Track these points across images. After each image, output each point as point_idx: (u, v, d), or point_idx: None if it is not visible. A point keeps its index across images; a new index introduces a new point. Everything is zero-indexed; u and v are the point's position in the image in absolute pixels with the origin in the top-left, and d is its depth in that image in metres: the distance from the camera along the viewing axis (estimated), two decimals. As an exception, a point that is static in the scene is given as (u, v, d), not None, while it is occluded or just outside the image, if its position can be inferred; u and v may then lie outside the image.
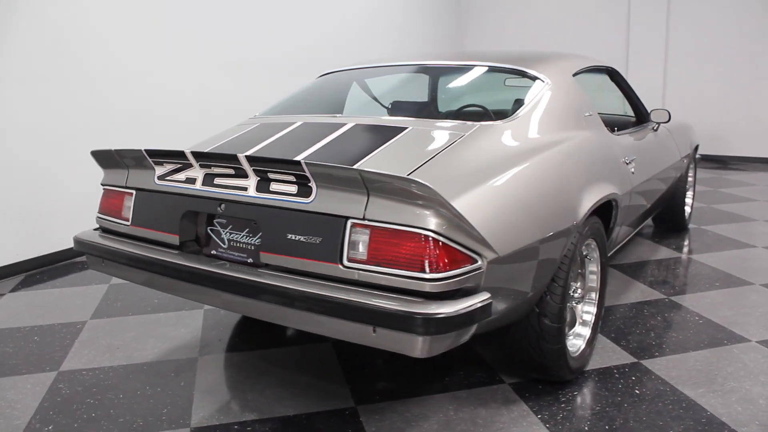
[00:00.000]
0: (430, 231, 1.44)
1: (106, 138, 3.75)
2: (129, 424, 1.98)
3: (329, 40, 5.74)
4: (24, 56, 3.37)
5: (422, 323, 1.39)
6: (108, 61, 3.81)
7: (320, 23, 5.66)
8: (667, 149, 3.34)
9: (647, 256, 3.63)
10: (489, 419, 1.96)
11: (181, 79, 4.31)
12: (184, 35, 4.34)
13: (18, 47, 3.35)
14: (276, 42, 5.12)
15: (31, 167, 3.49)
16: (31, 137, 3.46)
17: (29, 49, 3.40)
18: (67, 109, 3.63)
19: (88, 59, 3.71)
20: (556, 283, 1.92)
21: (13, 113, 3.37)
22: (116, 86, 3.87)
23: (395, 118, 2.12)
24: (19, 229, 3.47)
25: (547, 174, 1.89)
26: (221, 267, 1.74)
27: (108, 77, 3.82)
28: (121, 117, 3.90)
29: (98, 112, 3.78)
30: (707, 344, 2.46)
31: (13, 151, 3.40)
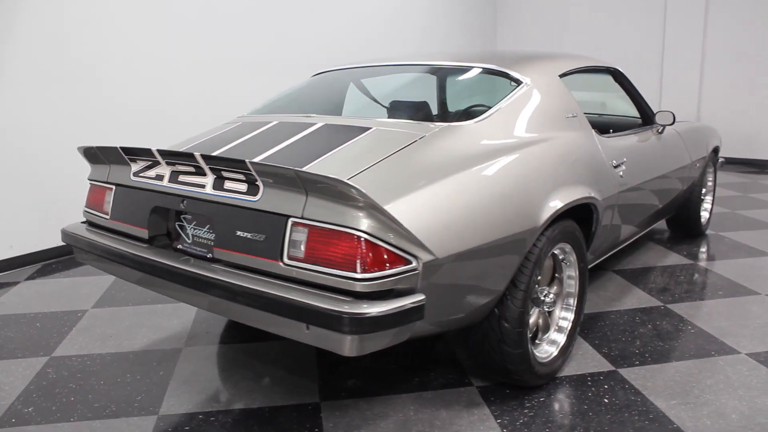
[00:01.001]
0: (362, 232, 1.46)
1: (117, 136, 3.90)
2: (102, 409, 2.07)
3: (351, 40, 5.78)
4: (34, 59, 3.54)
5: (350, 322, 1.41)
6: (116, 63, 3.94)
7: (342, 23, 5.71)
8: (674, 152, 3.23)
9: (654, 262, 3.52)
10: (447, 421, 1.96)
11: (197, 79, 4.43)
12: (199, 35, 4.46)
13: (25, 50, 3.53)
14: (294, 42, 5.19)
15: (47, 164, 3.66)
16: (48, 136, 3.63)
17: (38, 51, 3.57)
18: (80, 110, 3.78)
19: (98, 62, 3.84)
20: (517, 287, 1.90)
21: (30, 114, 3.55)
22: (125, 87, 3.99)
23: (363, 119, 2.14)
24: (39, 221, 3.65)
25: (505, 176, 1.86)
26: (178, 261, 1.80)
27: (116, 78, 3.95)
28: (131, 117, 4.03)
29: (109, 112, 3.92)
30: (693, 355, 2.38)
31: (32, 149, 3.58)
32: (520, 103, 2.19)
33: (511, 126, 2.10)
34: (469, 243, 1.66)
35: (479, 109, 2.15)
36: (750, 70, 6.60)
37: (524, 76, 2.29)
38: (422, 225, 1.55)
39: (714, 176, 4.10)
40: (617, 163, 2.51)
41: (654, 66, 7.11)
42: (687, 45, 6.87)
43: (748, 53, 6.59)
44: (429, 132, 1.94)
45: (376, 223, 1.48)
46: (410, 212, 1.55)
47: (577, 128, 2.35)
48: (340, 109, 2.44)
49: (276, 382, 2.24)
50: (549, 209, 1.92)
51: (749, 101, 6.66)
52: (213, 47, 4.54)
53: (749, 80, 6.62)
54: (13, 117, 3.48)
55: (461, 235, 1.64)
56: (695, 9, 6.75)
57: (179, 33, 4.32)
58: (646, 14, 7.12)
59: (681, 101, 6.96)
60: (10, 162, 3.51)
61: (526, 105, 2.20)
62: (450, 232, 1.61)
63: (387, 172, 1.69)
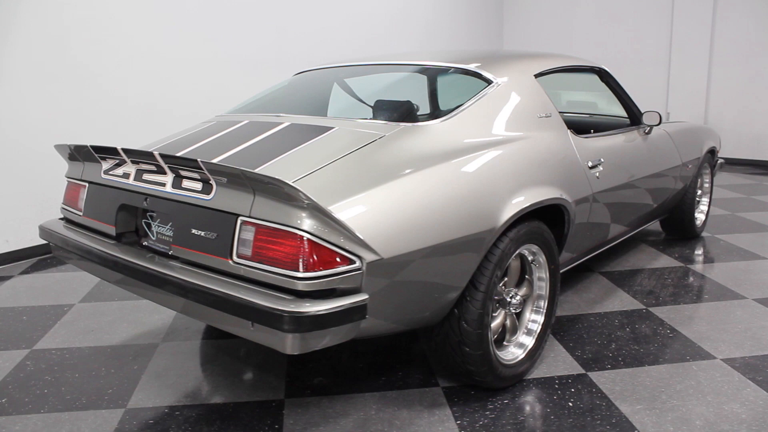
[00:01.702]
0: (304, 231, 1.47)
1: (115, 132, 3.97)
2: (73, 401, 2.11)
3: (353, 38, 5.79)
4: (33, 56, 3.61)
5: (290, 321, 1.42)
6: (115, 61, 4.01)
7: (343, 20, 5.72)
8: (662, 153, 3.19)
9: (643, 264, 3.48)
10: (407, 421, 1.97)
11: (198, 76, 4.48)
12: (201, 32, 4.50)
13: (24, 47, 3.59)
14: (294, 39, 5.22)
15: (45, 160, 3.73)
16: (46, 131, 3.70)
17: (37, 49, 3.64)
18: (77, 106, 3.85)
19: (96, 59, 3.92)
20: (477, 288, 1.89)
21: (28, 109, 3.63)
22: (123, 84, 4.06)
23: (330, 118, 2.15)
24: (35, 216, 3.72)
25: (463, 176, 1.86)
26: (137, 257, 1.83)
27: (115, 75, 4.02)
28: (129, 113, 4.10)
29: (106, 109, 3.99)
30: (667, 359, 2.35)
31: (29, 144, 3.65)
32: (487, 102, 2.17)
33: (477, 126, 2.09)
34: (420, 243, 1.65)
35: (446, 109, 2.15)
36: (758, 69, 6.48)
37: (495, 75, 2.27)
38: (368, 225, 1.55)
39: (711, 178, 4.03)
40: (593, 163, 2.48)
41: (661, 65, 7.01)
42: (694, 44, 6.76)
43: (757, 53, 6.46)
44: (390, 132, 1.94)
45: (319, 224, 1.49)
46: (356, 212, 1.55)
47: (549, 128, 2.33)
48: (315, 108, 2.45)
49: (245, 379, 2.27)
50: (510, 210, 1.91)
51: (757, 101, 6.53)
52: (214, 44, 4.59)
53: (757, 80, 6.49)
54: (11, 112, 3.56)
55: (411, 236, 1.64)
56: (703, 8, 6.63)
57: (179, 30, 4.37)
58: (653, 13, 7.02)
59: (688, 101, 6.85)
60: (8, 157, 3.59)
61: (494, 105, 2.19)
62: (399, 233, 1.61)
63: (338, 172, 1.70)
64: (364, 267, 1.52)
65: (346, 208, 1.55)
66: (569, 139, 2.42)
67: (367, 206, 1.59)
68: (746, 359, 2.34)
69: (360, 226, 1.53)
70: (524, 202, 1.97)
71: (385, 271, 1.57)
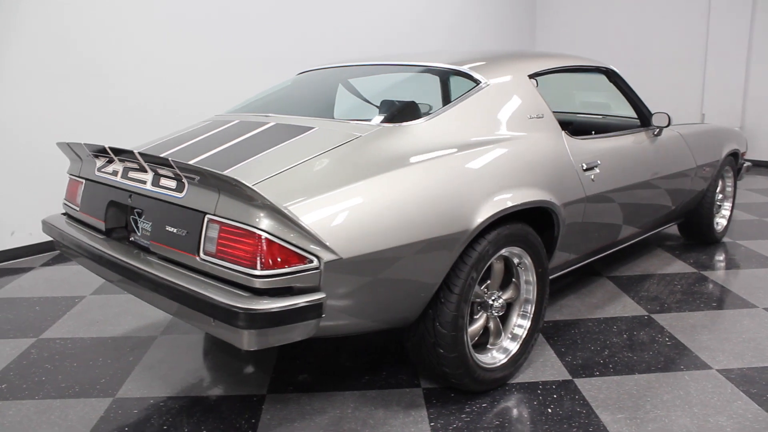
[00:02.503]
0: (262, 230, 1.50)
1: (116, 132, 4.05)
2: (67, 389, 2.20)
3: (371, 39, 5.81)
4: (38, 57, 3.73)
5: (244, 317, 1.45)
6: (121, 61, 4.08)
7: (364, 21, 5.75)
8: (672, 155, 3.09)
9: (654, 270, 3.38)
10: (381, 421, 1.97)
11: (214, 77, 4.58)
12: (217, 35, 4.60)
13: (31, 48, 3.75)
14: (313, 40, 5.27)
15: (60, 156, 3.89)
16: (72, 131, 3.85)
17: (44, 50, 3.77)
18: (93, 107, 3.98)
19: (103, 59, 4.00)
20: (452, 290, 1.88)
21: (53, 109, 3.79)
22: (126, 85, 4.13)
23: (314, 118, 2.17)
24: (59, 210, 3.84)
25: (436, 177, 1.84)
26: (118, 251, 1.89)
27: (122, 75, 4.10)
28: (135, 113, 4.17)
29: (111, 108, 4.07)
30: (660, 368, 2.28)
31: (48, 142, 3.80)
32: (473, 103, 2.16)
33: (460, 127, 2.08)
34: (385, 244, 1.66)
35: (431, 110, 2.14)
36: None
37: (484, 76, 2.25)
38: (329, 225, 1.57)
39: (734, 181, 3.88)
40: (588, 165, 2.43)
41: (697, 66, 6.77)
42: (732, 43, 6.50)
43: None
44: (368, 132, 1.95)
45: (277, 223, 1.51)
46: (317, 212, 1.57)
47: (539, 129, 2.29)
48: (306, 108, 2.48)
49: (232, 373, 2.32)
50: (486, 212, 1.89)
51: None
52: (231, 46, 4.68)
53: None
54: (40, 111, 3.73)
55: (376, 236, 1.64)
56: (741, 6, 6.37)
57: (196, 28, 4.48)
58: (689, 11, 6.79)
59: (724, 103, 6.60)
60: (35, 154, 3.75)
61: (480, 105, 2.17)
62: (362, 233, 1.62)
63: (307, 172, 1.72)
64: (321, 266, 1.54)
65: (307, 208, 1.57)
66: (562, 140, 2.37)
67: (330, 206, 1.60)
68: (744, 371, 2.25)
69: (319, 226, 1.55)
70: (502, 204, 1.95)
71: (346, 270, 1.59)
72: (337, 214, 1.61)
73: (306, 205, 1.58)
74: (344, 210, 1.62)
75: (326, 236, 1.55)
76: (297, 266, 1.51)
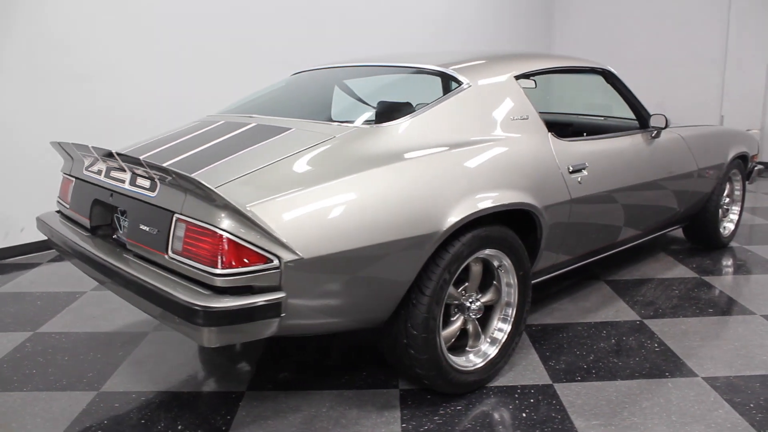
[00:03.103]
0: (222, 230, 1.53)
1: (118, 133, 4.08)
2: (54, 382, 2.27)
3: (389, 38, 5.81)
4: (28, 58, 3.75)
5: (203, 315, 1.48)
6: (106, 63, 4.08)
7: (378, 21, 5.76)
8: (671, 158, 3.03)
9: (654, 274, 3.32)
10: (353, 421, 1.98)
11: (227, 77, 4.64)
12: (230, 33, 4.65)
13: (19, 49, 3.77)
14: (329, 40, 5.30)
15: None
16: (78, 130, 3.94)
17: (30, 51, 3.78)
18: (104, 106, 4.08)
19: (89, 62, 4.00)
20: (423, 291, 1.88)
21: (63, 109, 3.89)
22: (118, 87, 4.15)
23: (294, 119, 2.19)
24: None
25: (407, 179, 1.84)
26: (99, 249, 1.94)
27: (109, 78, 4.10)
28: (129, 116, 4.19)
29: (114, 109, 4.12)
30: (644, 374, 2.24)
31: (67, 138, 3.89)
32: (453, 104, 2.15)
33: (438, 128, 2.07)
34: (350, 244, 1.66)
35: (410, 111, 2.13)
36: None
37: (466, 77, 2.24)
38: (291, 225, 1.58)
39: (743, 185, 3.78)
40: (575, 168, 2.40)
41: (716, 67, 6.61)
42: (752, 45, 6.33)
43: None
44: (344, 133, 1.96)
45: (238, 223, 1.53)
46: (279, 213, 1.59)
47: (523, 131, 2.27)
48: (288, 108, 2.49)
49: (216, 369, 2.35)
50: (459, 213, 1.88)
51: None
52: (236, 45, 4.70)
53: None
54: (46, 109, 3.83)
55: (340, 236, 1.65)
56: (762, 9, 6.20)
57: (195, 31, 4.49)
58: (708, 12, 6.63)
59: (744, 105, 6.44)
60: (45, 152, 3.84)
61: (459, 106, 2.16)
62: (325, 233, 1.63)
63: (275, 173, 1.74)
64: (282, 266, 1.55)
65: (270, 209, 1.59)
66: (548, 142, 2.35)
67: (294, 207, 1.62)
68: (731, 379, 2.19)
69: (281, 226, 1.56)
70: (477, 206, 1.94)
71: (308, 270, 1.60)
72: (301, 214, 1.62)
73: (269, 205, 1.60)
74: (308, 211, 1.64)
75: (288, 236, 1.57)
76: (257, 266, 1.53)
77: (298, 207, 1.63)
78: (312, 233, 1.61)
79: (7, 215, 3.77)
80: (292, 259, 1.56)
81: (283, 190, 1.65)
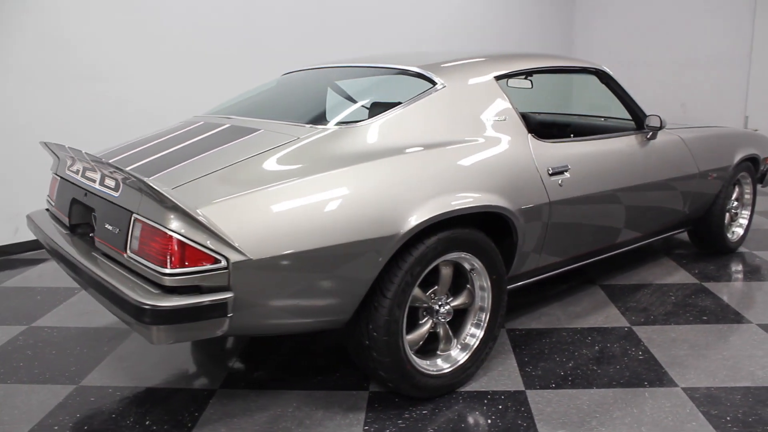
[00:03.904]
0: (171, 230, 1.55)
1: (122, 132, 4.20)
2: (38, 375, 2.33)
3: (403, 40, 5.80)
4: (31, 58, 3.86)
5: (150, 314, 1.51)
6: (111, 62, 4.16)
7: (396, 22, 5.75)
8: (667, 160, 2.94)
9: (653, 279, 3.23)
10: (317, 422, 1.98)
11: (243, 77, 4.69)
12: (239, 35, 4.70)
13: (35, 52, 3.94)
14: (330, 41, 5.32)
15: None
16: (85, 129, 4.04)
17: (49, 54, 3.95)
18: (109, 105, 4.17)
19: (97, 62, 4.09)
20: (384, 294, 1.87)
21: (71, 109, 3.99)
22: (120, 86, 4.23)
23: (265, 120, 2.20)
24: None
25: (366, 181, 1.83)
26: (73, 248, 1.98)
27: (113, 78, 4.18)
28: (128, 114, 4.27)
29: (116, 109, 4.22)
30: (622, 383, 2.18)
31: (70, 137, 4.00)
32: (424, 105, 2.13)
33: (406, 129, 2.06)
34: (302, 245, 1.66)
35: (380, 112, 2.12)
36: None
37: (440, 77, 2.22)
38: (240, 227, 1.60)
39: (753, 188, 3.65)
40: (555, 170, 2.34)
41: (740, 66, 6.39)
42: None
43: None
44: (307, 134, 1.96)
45: (186, 224, 1.55)
46: (228, 214, 1.60)
47: (498, 132, 2.23)
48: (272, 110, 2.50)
49: (194, 366, 2.39)
50: (421, 216, 1.86)
51: None
52: (247, 46, 4.77)
53: None
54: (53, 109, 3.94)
55: (292, 238, 1.65)
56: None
57: (196, 31, 4.52)
58: (732, 9, 6.40)
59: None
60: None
61: (431, 107, 2.14)
62: (276, 234, 1.64)
63: (232, 174, 1.75)
64: (230, 266, 1.56)
65: (221, 210, 1.60)
66: (526, 143, 2.30)
67: (245, 208, 1.63)
68: (711, 390, 2.12)
69: (230, 228, 1.58)
70: (441, 208, 1.91)
71: (257, 271, 1.61)
72: (252, 216, 1.63)
73: (221, 206, 1.61)
74: (260, 212, 1.64)
75: (237, 237, 1.58)
76: (205, 266, 1.55)
77: (250, 208, 1.64)
78: (263, 234, 1.62)
79: (16, 212, 3.89)
80: (240, 259, 1.58)
81: (237, 191, 1.67)
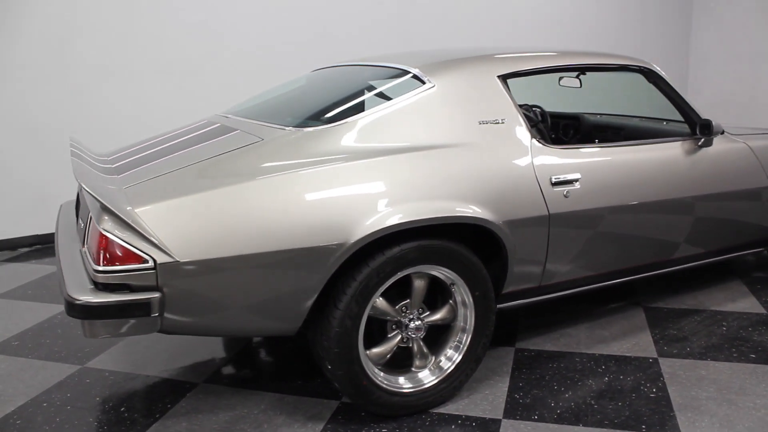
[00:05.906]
0: (104, 229, 1.59)
1: None
2: (55, 353, 2.52)
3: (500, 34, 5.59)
4: (36, 56, 3.97)
5: (78, 309, 1.57)
6: (116, 63, 4.19)
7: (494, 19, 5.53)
8: (729, 170, 2.54)
9: (710, 304, 2.82)
10: (274, 427, 1.96)
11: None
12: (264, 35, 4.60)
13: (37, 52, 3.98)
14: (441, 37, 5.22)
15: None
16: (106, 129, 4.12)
17: (38, 50, 3.97)
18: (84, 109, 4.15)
19: (100, 61, 4.13)
20: (336, 305, 1.79)
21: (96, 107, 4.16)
22: (125, 86, 4.26)
23: (251, 120, 2.18)
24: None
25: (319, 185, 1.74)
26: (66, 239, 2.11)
27: (116, 78, 4.21)
28: (129, 114, 4.28)
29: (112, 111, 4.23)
30: (616, 423, 1.93)
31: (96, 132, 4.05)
32: (404, 106, 1.99)
33: (380, 131, 1.94)
34: (234, 250, 1.63)
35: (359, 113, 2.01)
36: None
37: (432, 77, 2.07)
38: (173, 229, 1.60)
39: None
40: (560, 179, 2.10)
41: None
42: None
43: None
44: (271, 136, 1.92)
45: (117, 223, 1.59)
46: (165, 216, 1.62)
47: (492, 136, 2.04)
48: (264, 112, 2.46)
49: (183, 358, 2.44)
50: (376, 224, 1.74)
51: None
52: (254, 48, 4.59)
53: None
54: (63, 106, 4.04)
55: (224, 242, 1.63)
56: None
57: (204, 29, 4.42)
58: None
59: None
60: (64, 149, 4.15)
61: (414, 108, 1.99)
62: (207, 238, 1.62)
63: (186, 174, 1.76)
64: (157, 267, 1.57)
65: (157, 211, 1.62)
66: (526, 149, 2.08)
67: (180, 211, 1.63)
68: (723, 445, 1.80)
69: (160, 229, 1.59)
70: (399, 218, 1.78)
71: (186, 273, 1.60)
72: (185, 218, 1.63)
73: (158, 207, 1.63)
74: (193, 215, 1.64)
75: (165, 239, 1.58)
76: (132, 265, 1.57)
77: (184, 211, 1.64)
78: (192, 237, 1.61)
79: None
80: (167, 261, 1.58)
81: (182, 193, 1.68)
